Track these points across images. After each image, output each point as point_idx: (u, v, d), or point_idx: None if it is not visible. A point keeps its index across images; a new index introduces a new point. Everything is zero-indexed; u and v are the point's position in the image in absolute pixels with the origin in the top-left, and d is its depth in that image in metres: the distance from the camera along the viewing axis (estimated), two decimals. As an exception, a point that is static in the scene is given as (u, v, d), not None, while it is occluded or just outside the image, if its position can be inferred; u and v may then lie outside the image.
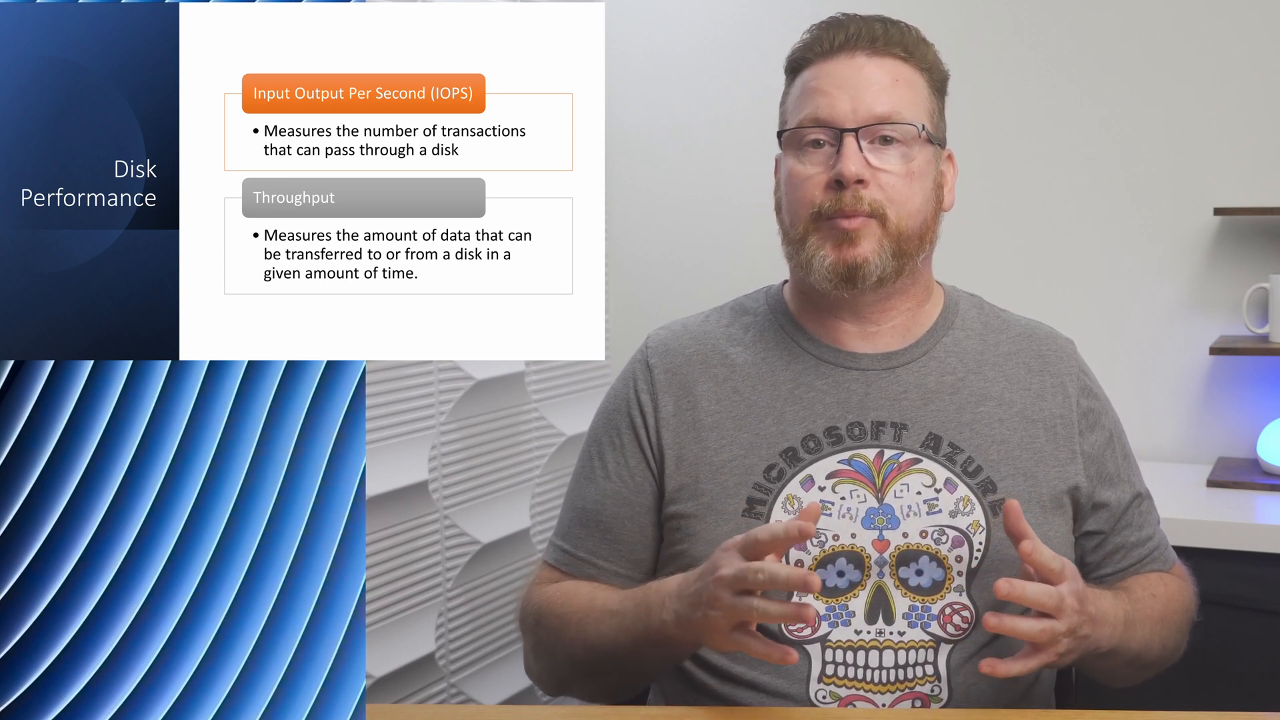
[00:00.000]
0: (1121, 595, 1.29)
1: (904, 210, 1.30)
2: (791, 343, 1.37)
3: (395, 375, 1.93)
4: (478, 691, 2.16)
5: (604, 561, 1.38)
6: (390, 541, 1.94)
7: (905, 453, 1.31)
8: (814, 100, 1.31)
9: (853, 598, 1.28)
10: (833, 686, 1.26)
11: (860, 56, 1.31)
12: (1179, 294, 2.40)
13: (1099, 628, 1.20)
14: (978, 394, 1.34)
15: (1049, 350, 1.39)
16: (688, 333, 1.42)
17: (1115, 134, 2.42)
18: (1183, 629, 1.37)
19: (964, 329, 1.39)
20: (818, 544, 1.28)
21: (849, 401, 1.33)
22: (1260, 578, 1.94)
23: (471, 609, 2.15)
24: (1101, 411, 1.39)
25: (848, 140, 1.28)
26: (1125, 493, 1.37)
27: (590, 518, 1.39)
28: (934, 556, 1.28)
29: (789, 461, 1.31)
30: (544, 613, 1.36)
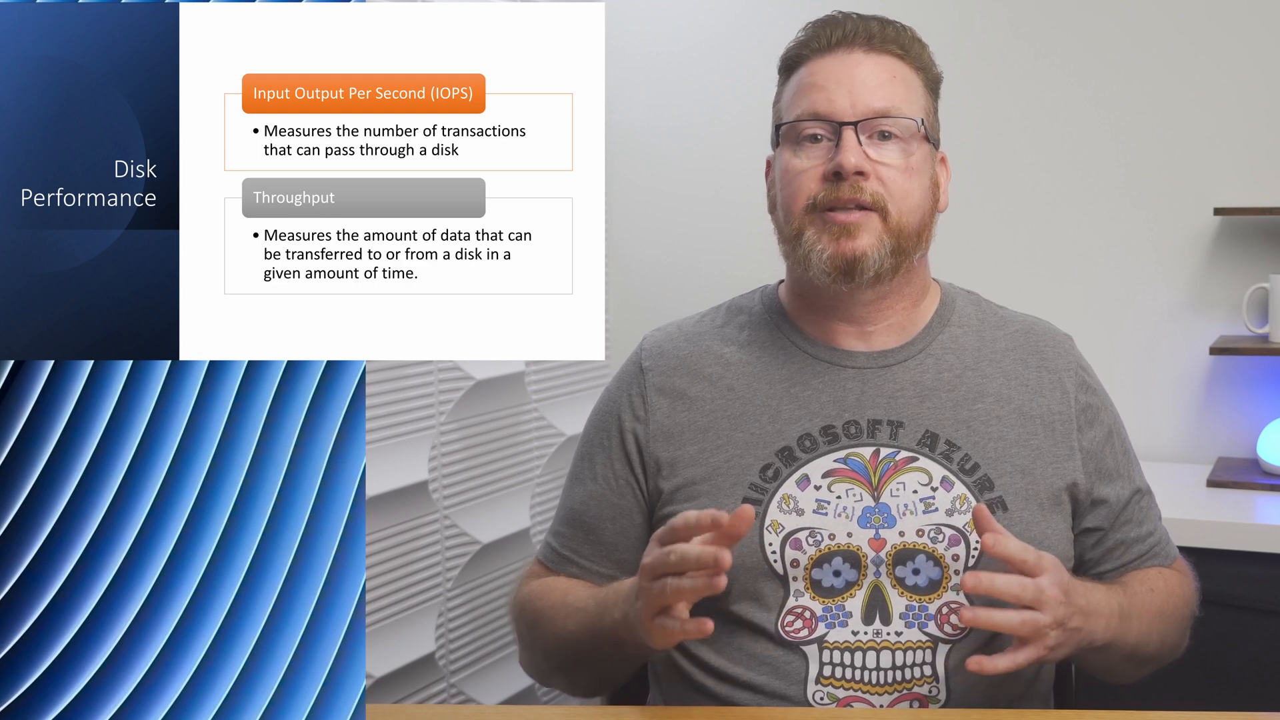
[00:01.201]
0: (1115, 588, 1.29)
1: (904, 205, 1.30)
2: (787, 342, 1.37)
3: (395, 375, 1.93)
4: (478, 691, 2.16)
5: (587, 561, 1.39)
6: (390, 541, 1.94)
7: (901, 451, 1.31)
8: (811, 95, 1.31)
9: (849, 598, 1.27)
10: (830, 688, 1.26)
11: (857, 53, 1.32)
12: (1179, 294, 2.40)
13: (1091, 620, 1.20)
14: (974, 391, 1.34)
15: (1047, 346, 1.39)
16: (682, 334, 1.42)
17: (1115, 134, 2.42)
18: (1184, 624, 1.37)
19: (961, 325, 1.39)
20: (814, 543, 1.28)
21: (845, 400, 1.33)
22: (1260, 578, 1.94)
23: (471, 609, 2.15)
24: (1100, 407, 1.39)
25: (847, 133, 1.28)
26: (1124, 489, 1.37)
27: (576, 518, 1.40)
28: (931, 555, 1.28)
29: (785, 461, 1.31)
30: (524, 607, 1.40)
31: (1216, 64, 2.35)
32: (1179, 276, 2.40)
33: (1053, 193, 2.47)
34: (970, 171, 2.40)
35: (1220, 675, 1.85)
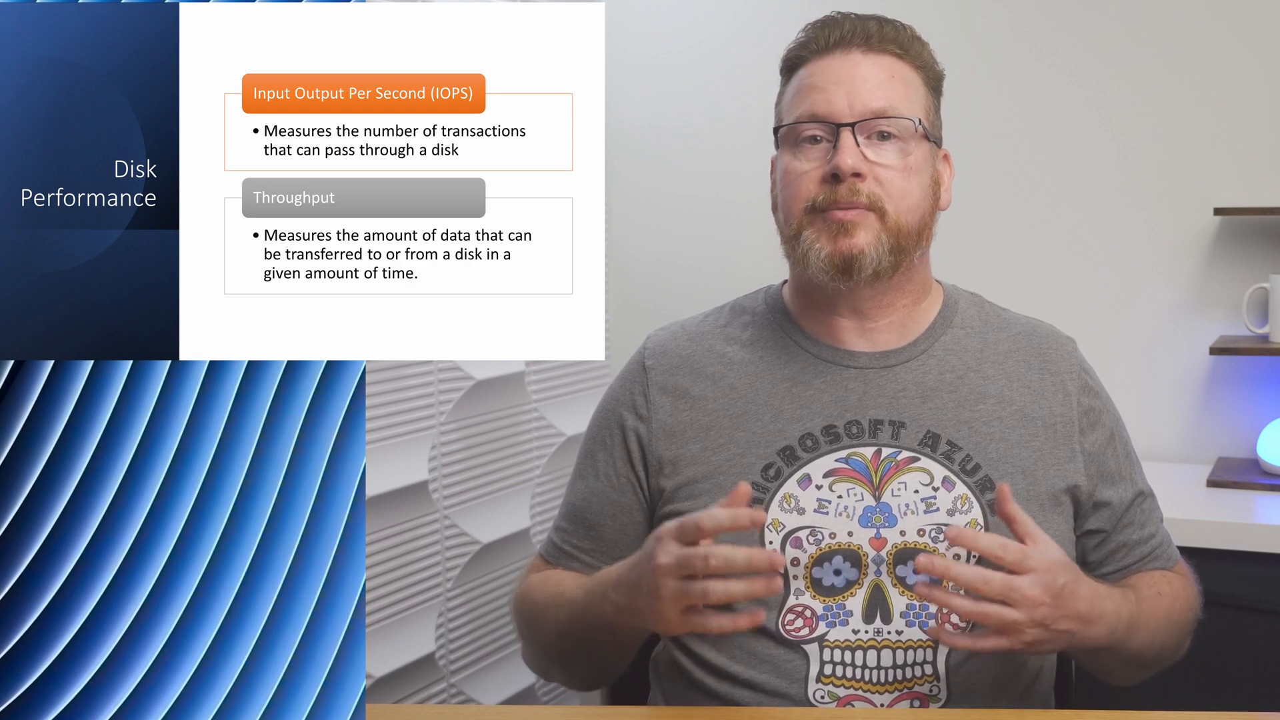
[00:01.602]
0: (1129, 594, 1.29)
1: (902, 205, 1.30)
2: (789, 341, 1.38)
3: (395, 375, 1.93)
4: (478, 691, 2.16)
5: (587, 556, 1.40)
6: (390, 541, 1.94)
7: (903, 451, 1.31)
8: (810, 96, 1.31)
9: (850, 597, 1.28)
10: (831, 686, 1.26)
11: (856, 53, 1.32)
12: (1179, 294, 2.40)
13: (1091, 626, 1.20)
14: (976, 392, 1.34)
15: (1049, 349, 1.39)
16: (685, 333, 1.42)
17: (1115, 134, 2.42)
18: (1186, 628, 1.37)
19: (963, 327, 1.39)
20: (814, 542, 1.28)
21: (847, 400, 1.33)
22: (1260, 578, 1.94)
23: (471, 609, 2.15)
24: (1102, 410, 1.39)
25: (844, 135, 1.28)
26: (1127, 491, 1.37)
27: (578, 513, 1.41)
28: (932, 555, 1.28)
29: (786, 460, 1.31)
30: (523, 600, 1.41)
31: (1217, 64, 2.35)
32: (1179, 276, 2.40)
33: (1053, 193, 2.47)
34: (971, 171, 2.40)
35: (1220, 675, 1.85)
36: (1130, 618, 1.25)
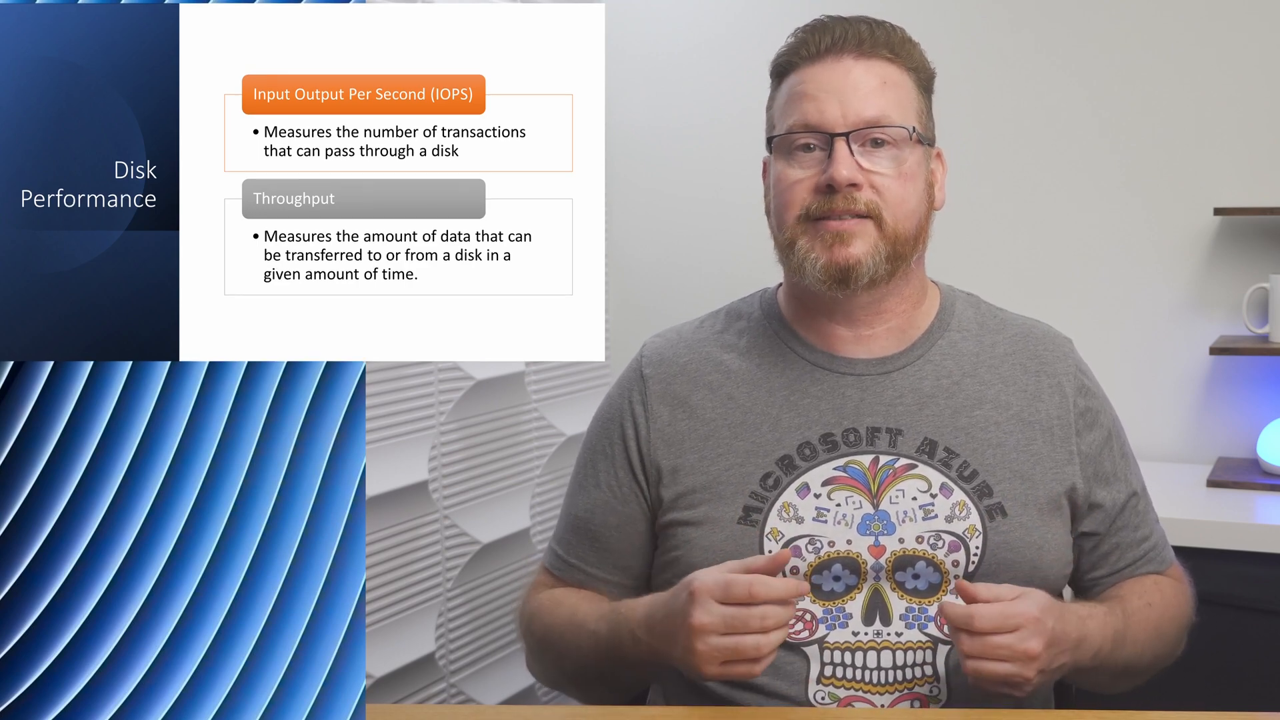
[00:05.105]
0: (1115, 609, 1.29)
1: (899, 212, 1.29)
2: (786, 348, 1.37)
3: (395, 375, 1.93)
4: (478, 691, 2.16)
5: (593, 569, 1.39)
6: (390, 541, 1.94)
7: (901, 458, 1.31)
8: (802, 105, 1.30)
9: (850, 600, 1.28)
10: (831, 687, 1.26)
11: (847, 59, 1.30)
12: (1179, 294, 2.40)
13: (1080, 649, 1.22)
14: (974, 398, 1.34)
15: (1046, 350, 1.39)
16: (682, 340, 1.41)
17: (1115, 134, 2.42)
18: (1179, 636, 1.38)
19: (960, 330, 1.38)
20: (813, 550, 1.28)
21: (844, 408, 1.33)
22: (1260, 578, 1.94)
23: (471, 609, 2.15)
24: (1099, 410, 1.39)
25: (839, 145, 1.28)
26: (1121, 492, 1.37)
27: (581, 525, 1.40)
28: (930, 562, 1.28)
29: (785, 469, 1.31)
30: (534, 619, 1.40)
31: (1217, 64, 2.35)
32: (1179, 276, 2.40)
33: (1053, 193, 2.47)
34: (970, 171, 2.40)
35: (1220, 675, 1.85)
36: (1115, 635, 1.26)
